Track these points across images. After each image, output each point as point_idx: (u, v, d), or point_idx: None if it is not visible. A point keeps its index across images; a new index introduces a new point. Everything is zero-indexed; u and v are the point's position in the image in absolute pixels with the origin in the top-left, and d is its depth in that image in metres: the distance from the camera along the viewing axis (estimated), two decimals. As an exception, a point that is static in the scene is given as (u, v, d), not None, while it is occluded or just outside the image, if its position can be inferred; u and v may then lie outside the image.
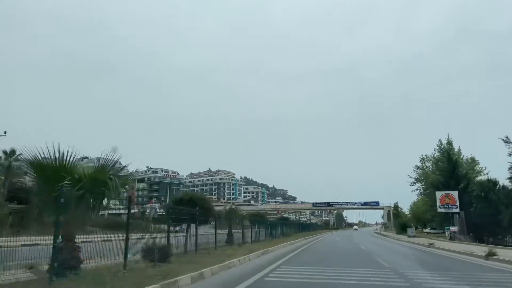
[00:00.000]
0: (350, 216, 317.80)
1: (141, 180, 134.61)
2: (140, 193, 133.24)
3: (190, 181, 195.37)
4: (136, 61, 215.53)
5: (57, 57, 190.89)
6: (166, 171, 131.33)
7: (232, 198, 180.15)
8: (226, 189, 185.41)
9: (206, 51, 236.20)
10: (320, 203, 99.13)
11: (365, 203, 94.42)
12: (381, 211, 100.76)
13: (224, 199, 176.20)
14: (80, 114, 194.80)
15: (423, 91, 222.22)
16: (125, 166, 10.97)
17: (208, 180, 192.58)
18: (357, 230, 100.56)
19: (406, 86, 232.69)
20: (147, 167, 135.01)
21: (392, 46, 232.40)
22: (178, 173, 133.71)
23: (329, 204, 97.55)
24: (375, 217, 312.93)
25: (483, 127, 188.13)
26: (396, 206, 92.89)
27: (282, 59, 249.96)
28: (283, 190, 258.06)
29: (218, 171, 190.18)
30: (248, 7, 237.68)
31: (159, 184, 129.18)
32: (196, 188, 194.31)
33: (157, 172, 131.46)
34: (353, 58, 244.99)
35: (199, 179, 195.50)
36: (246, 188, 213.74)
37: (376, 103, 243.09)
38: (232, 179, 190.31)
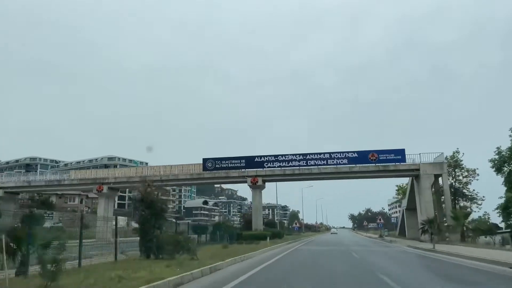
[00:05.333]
0: (308, 214, 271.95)
1: None
2: None
3: (66, 164, 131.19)
4: (82, 60, 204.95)
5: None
6: None
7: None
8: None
9: (155, 53, 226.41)
10: (225, 158, 33.15)
11: (361, 154, 29.35)
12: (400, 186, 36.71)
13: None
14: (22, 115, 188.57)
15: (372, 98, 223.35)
16: None
17: (91, 161, 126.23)
18: (336, 233, 75.97)
19: (355, 93, 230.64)
20: None
21: (340, 54, 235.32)
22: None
23: (250, 161, 31.67)
24: (340, 218, 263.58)
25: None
26: (456, 164, 28.98)
27: (233, 65, 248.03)
28: (231, 190, 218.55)
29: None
30: (199, 14, 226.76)
31: None
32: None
33: None
34: (303, 66, 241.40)
35: (79, 160, 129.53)
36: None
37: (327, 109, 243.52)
38: (130, 161, 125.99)
